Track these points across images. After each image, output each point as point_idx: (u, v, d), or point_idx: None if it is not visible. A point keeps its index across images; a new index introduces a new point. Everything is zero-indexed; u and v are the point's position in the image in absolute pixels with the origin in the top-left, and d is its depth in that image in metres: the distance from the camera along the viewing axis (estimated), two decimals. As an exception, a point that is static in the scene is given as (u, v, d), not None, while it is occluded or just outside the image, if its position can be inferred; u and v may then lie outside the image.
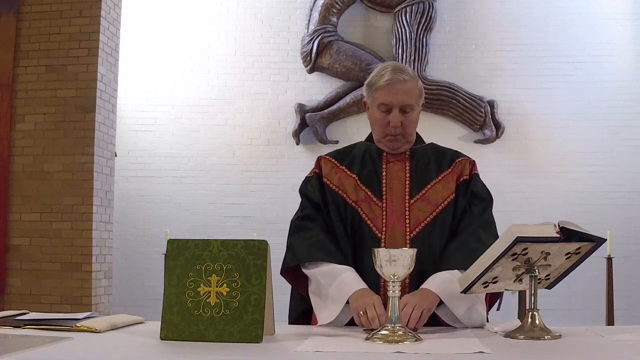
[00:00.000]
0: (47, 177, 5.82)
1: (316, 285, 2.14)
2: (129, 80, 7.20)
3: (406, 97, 2.18)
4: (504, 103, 7.38)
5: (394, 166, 2.26)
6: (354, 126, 7.38)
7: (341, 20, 7.54)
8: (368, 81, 2.26)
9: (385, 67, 2.23)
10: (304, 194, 2.31)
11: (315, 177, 2.31)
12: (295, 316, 2.32)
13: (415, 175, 2.24)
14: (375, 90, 2.20)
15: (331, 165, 2.31)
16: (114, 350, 1.59)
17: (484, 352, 1.51)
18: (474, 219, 2.19)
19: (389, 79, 2.17)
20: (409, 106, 2.19)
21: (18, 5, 5.93)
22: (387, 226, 2.16)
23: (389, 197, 2.21)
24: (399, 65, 2.26)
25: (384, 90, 2.18)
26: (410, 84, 2.19)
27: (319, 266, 2.13)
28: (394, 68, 2.21)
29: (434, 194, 2.21)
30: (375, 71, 2.25)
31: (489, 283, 1.83)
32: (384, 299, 2.08)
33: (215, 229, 7.26)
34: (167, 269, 1.73)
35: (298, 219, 2.27)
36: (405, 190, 2.21)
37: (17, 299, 5.64)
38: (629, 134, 7.27)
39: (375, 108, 2.22)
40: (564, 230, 1.73)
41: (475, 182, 2.27)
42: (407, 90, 2.18)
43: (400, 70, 2.21)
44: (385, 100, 2.18)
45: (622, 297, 6.54)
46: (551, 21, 7.42)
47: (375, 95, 2.21)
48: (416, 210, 2.18)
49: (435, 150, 2.33)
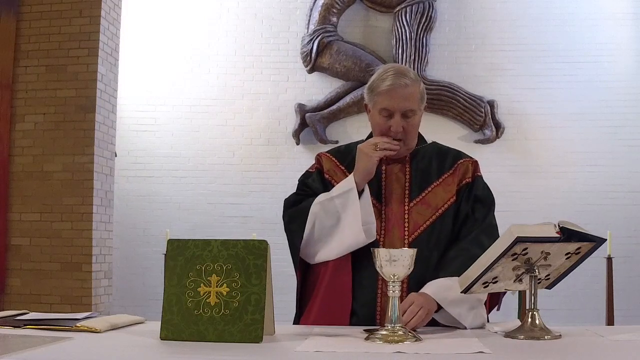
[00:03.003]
0: (47, 177, 5.82)
1: (321, 211, 2.15)
2: (129, 80, 7.19)
3: (408, 103, 2.14)
4: (504, 103, 7.38)
5: (394, 168, 2.23)
6: (354, 126, 7.38)
7: (341, 20, 7.55)
8: (369, 84, 2.21)
9: (386, 71, 2.18)
10: (304, 183, 2.32)
11: (317, 172, 2.31)
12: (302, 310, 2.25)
13: (415, 178, 2.21)
14: (377, 95, 2.16)
15: (332, 163, 2.30)
16: (114, 350, 1.59)
17: (484, 352, 1.51)
18: (476, 224, 2.17)
19: (390, 84, 2.13)
20: (411, 111, 2.15)
21: (18, 5, 5.93)
22: (385, 229, 2.15)
23: (388, 200, 2.19)
24: (401, 68, 2.21)
25: (385, 95, 2.14)
26: (412, 89, 2.14)
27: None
28: (396, 72, 2.16)
29: (433, 197, 2.19)
30: (376, 74, 2.21)
31: (489, 283, 1.83)
32: (381, 300, 2.08)
33: (215, 229, 7.26)
34: (167, 269, 1.73)
35: (296, 195, 2.29)
36: (404, 193, 2.20)
37: (17, 299, 5.64)
38: (629, 134, 7.27)
39: (376, 112, 2.18)
40: (564, 230, 1.73)
41: (478, 185, 2.24)
42: (409, 95, 2.14)
43: (402, 74, 2.15)
44: (386, 106, 2.15)
45: (622, 297, 6.54)
46: (551, 21, 7.42)
47: (376, 99, 2.17)
48: (415, 214, 2.16)
49: (437, 150, 2.30)
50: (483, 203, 2.22)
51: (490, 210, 2.24)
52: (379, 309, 2.09)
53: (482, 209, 2.21)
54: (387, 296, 1.74)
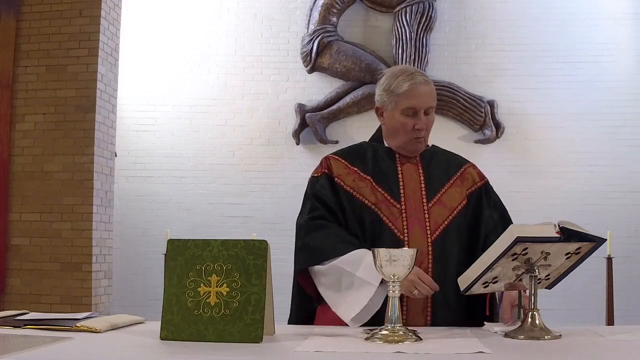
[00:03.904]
0: (47, 177, 5.82)
1: (335, 277, 2.07)
2: (129, 80, 7.19)
3: (430, 100, 2.22)
4: (504, 103, 7.38)
5: (408, 168, 2.26)
6: (354, 126, 7.39)
7: (341, 20, 7.54)
8: (385, 87, 2.23)
9: (403, 71, 2.23)
10: (314, 195, 2.23)
11: (325, 176, 2.25)
12: (301, 318, 2.24)
13: (429, 179, 2.25)
14: (399, 96, 2.19)
15: (342, 165, 2.27)
16: (114, 350, 1.59)
17: (484, 352, 1.51)
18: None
19: (412, 83, 2.18)
20: (431, 108, 2.23)
21: (18, 5, 5.93)
22: (408, 229, 2.15)
23: (407, 200, 2.20)
24: (414, 68, 2.30)
25: (409, 95, 2.18)
26: (431, 86, 2.24)
27: (337, 258, 2.07)
28: (414, 71, 2.24)
29: (448, 198, 2.23)
30: (390, 76, 2.24)
31: (489, 283, 1.83)
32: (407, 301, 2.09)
33: (215, 229, 7.26)
34: (167, 269, 1.73)
35: (310, 219, 2.19)
36: (422, 194, 2.22)
37: (17, 299, 5.64)
38: (629, 134, 7.27)
39: (398, 113, 2.21)
40: (564, 230, 1.73)
41: (489, 190, 2.32)
42: (430, 92, 2.22)
43: (420, 73, 2.26)
44: (411, 105, 2.19)
45: (622, 297, 6.54)
46: (551, 21, 7.42)
47: (398, 100, 2.20)
48: (435, 214, 2.19)
49: (440, 153, 2.36)
50: (500, 208, 2.31)
51: (505, 212, 2.32)
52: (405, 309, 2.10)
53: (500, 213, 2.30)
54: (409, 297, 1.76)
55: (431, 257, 2.12)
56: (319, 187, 2.24)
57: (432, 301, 2.09)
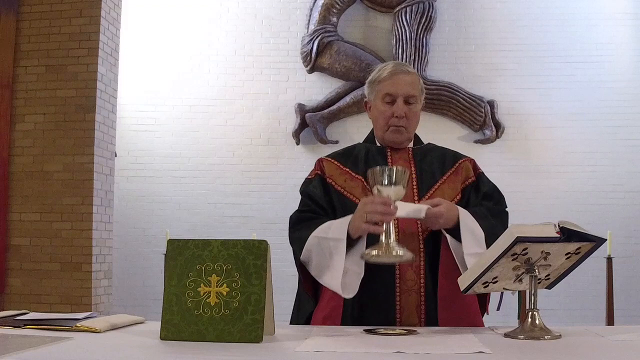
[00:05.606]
0: (47, 177, 5.83)
1: (315, 250, 2.08)
2: (129, 80, 7.20)
3: (410, 88, 2.22)
4: (504, 103, 7.39)
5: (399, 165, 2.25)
6: (354, 126, 7.39)
7: (341, 20, 7.55)
8: (370, 79, 2.29)
9: (386, 64, 2.30)
10: (306, 194, 2.27)
11: (317, 178, 2.28)
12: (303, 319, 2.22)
13: (421, 176, 2.24)
14: (379, 83, 2.24)
15: (334, 166, 2.28)
16: (114, 350, 1.59)
17: (484, 352, 1.51)
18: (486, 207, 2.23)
19: (392, 70, 2.23)
20: (413, 97, 2.22)
21: (18, 5, 5.93)
22: (399, 226, 2.14)
23: None
24: (400, 62, 2.33)
25: (388, 82, 2.22)
26: (413, 77, 2.25)
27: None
28: (396, 63, 2.28)
29: (441, 194, 2.20)
30: (376, 69, 2.30)
31: (489, 283, 1.83)
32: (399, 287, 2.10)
33: (215, 229, 7.26)
34: (167, 269, 1.73)
35: (300, 212, 2.25)
36: (413, 191, 2.20)
37: (17, 299, 5.64)
38: (629, 134, 7.27)
39: (379, 101, 2.24)
40: (564, 230, 1.73)
41: (483, 182, 2.29)
42: (411, 81, 2.23)
43: (403, 64, 2.29)
44: (390, 91, 2.21)
45: (622, 297, 6.55)
46: (551, 21, 7.42)
47: (379, 87, 2.24)
48: None
49: (435, 149, 2.34)
50: (491, 197, 2.26)
51: (500, 202, 2.27)
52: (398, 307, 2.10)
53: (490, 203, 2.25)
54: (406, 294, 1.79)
55: (423, 254, 2.12)
56: (312, 187, 2.27)
57: (425, 299, 2.09)
